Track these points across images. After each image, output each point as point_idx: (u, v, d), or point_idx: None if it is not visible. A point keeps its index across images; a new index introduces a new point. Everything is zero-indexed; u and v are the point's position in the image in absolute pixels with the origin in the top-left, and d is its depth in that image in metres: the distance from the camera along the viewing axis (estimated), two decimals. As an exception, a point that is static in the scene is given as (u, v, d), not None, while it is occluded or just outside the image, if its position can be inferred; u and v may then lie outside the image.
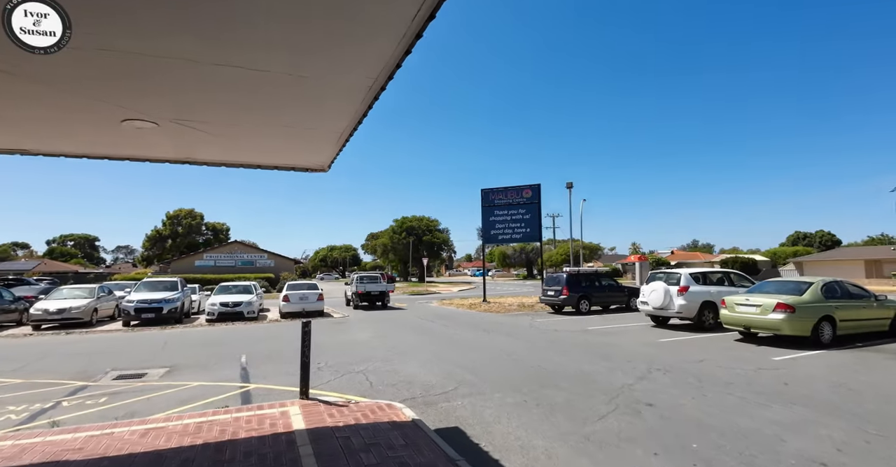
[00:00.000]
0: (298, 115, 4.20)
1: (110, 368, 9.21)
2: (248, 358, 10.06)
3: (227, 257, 48.01)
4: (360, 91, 3.65)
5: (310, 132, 4.70)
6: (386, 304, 23.46)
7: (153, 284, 18.05)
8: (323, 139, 4.90)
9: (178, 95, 3.71)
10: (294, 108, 4.04)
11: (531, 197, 23.05)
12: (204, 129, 4.44)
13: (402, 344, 11.44)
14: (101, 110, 3.88)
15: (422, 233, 65.55)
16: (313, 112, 4.17)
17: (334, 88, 3.63)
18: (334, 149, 5.30)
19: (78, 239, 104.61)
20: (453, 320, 16.83)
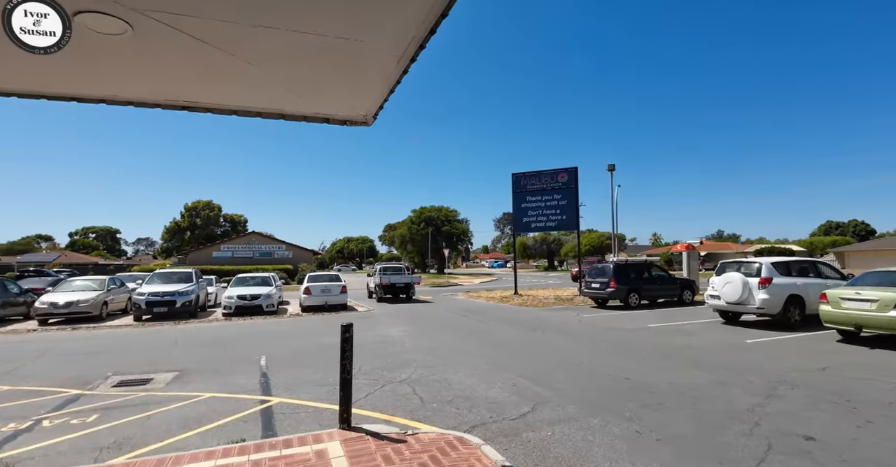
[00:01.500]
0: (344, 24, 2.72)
1: (112, 372, 7.95)
2: (268, 360, 8.72)
3: (244, 248, 47.23)
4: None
5: (357, 57, 3.21)
6: (411, 297, 22.12)
7: (166, 276, 16.90)
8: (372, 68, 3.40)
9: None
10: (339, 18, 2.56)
11: (567, 181, 21.29)
12: (221, 46, 2.98)
13: (441, 344, 9.97)
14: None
15: (441, 223, 64.05)
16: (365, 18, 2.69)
17: None
18: (382, 89, 3.80)
19: (100, 231, 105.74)
20: (488, 315, 15.33)
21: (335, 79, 3.62)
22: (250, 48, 3.06)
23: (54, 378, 7.57)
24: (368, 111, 4.28)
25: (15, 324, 14.01)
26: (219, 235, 68.61)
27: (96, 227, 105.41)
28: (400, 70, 3.53)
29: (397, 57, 3.31)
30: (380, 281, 21.56)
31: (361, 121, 4.42)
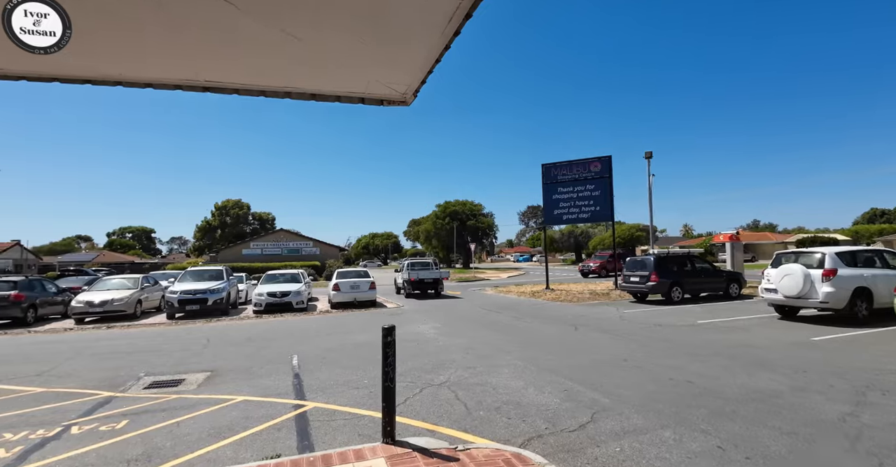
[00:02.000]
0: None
1: (144, 373, 7.80)
2: (300, 359, 8.43)
3: (273, 246, 47.84)
4: None
5: (398, 26, 2.76)
6: (439, 293, 21.75)
7: (198, 274, 16.97)
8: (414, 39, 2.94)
9: None
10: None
11: (601, 171, 20.40)
12: (252, 14, 2.56)
13: (478, 343, 9.50)
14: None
15: (465, 217, 63.43)
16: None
17: None
18: (423, 63, 3.32)
19: (136, 231, 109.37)
20: (522, 311, 14.77)
21: (373, 51, 3.16)
22: (285, 15, 2.63)
23: (87, 379, 7.46)
24: (408, 88, 3.80)
25: (53, 323, 14.24)
26: (248, 233, 69.90)
27: (132, 227, 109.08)
28: (444, 42, 3.06)
29: (441, 27, 2.85)
30: (408, 276, 21.24)
31: (400, 100, 3.94)
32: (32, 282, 14.62)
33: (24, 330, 12.89)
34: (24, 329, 13.03)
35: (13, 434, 4.94)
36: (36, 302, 14.10)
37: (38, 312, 14.24)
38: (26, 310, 13.62)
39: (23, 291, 13.67)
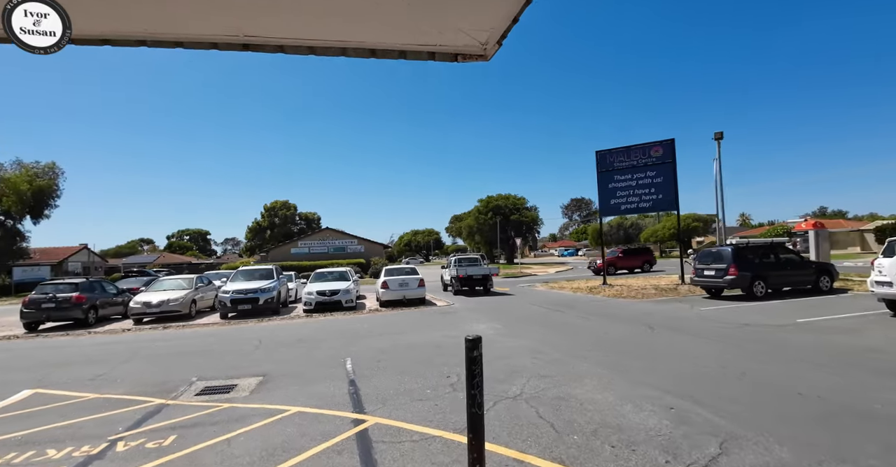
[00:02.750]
0: None
1: (196, 376, 7.46)
2: (354, 363, 7.86)
3: (319, 244, 48.54)
4: None
5: None
6: (489, 289, 20.92)
7: (249, 273, 16.97)
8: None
9: None
10: None
11: (663, 155, 18.85)
12: None
13: (545, 345, 8.61)
14: None
15: (509, 212, 62.10)
16: None
17: None
18: (508, 8, 2.53)
19: (192, 233, 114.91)
20: (584, 309, 13.70)
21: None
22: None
23: (140, 384, 7.18)
24: (489, 39, 3.00)
25: (113, 324, 14.53)
26: (295, 233, 71.61)
27: (189, 230, 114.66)
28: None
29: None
30: (456, 273, 20.56)
31: (479, 54, 3.14)
32: (93, 284, 14.99)
33: (85, 331, 13.15)
34: (85, 330, 13.30)
35: (57, 450, 4.56)
36: (97, 303, 14.42)
37: (99, 313, 14.57)
38: (87, 311, 13.93)
39: (84, 293, 13.99)
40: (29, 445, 4.71)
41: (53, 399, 6.55)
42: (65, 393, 6.82)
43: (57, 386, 7.29)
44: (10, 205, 34.38)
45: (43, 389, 7.09)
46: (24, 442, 4.83)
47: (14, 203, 34.31)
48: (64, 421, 5.47)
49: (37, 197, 35.46)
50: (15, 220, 36.66)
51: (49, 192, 36.67)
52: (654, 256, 32.62)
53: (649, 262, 30.58)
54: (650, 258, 31.12)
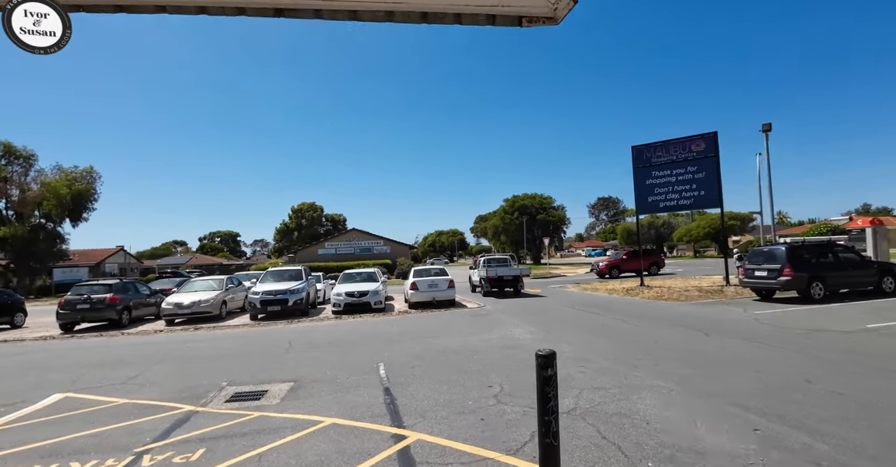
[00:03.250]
0: None
1: (226, 381, 7.20)
2: (388, 369, 7.47)
3: (346, 245, 48.74)
4: None
5: None
6: (519, 291, 20.34)
7: (278, 274, 16.88)
8: None
9: None
10: None
11: (705, 150, 17.87)
12: None
13: (591, 352, 8.03)
14: None
15: (535, 211, 61.05)
16: None
17: None
18: None
19: (223, 235, 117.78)
20: (623, 311, 12.99)
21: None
22: None
23: (170, 388, 6.95)
24: (556, 0, 2.51)
25: (146, 324, 14.60)
26: (322, 234, 72.30)
27: (220, 232, 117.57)
28: None
29: None
30: (486, 273, 20.04)
31: (547, 16, 2.66)
32: (126, 285, 15.13)
33: (119, 332, 13.22)
34: (119, 331, 13.38)
35: (81, 463, 4.28)
36: (130, 304, 14.53)
37: (133, 314, 14.67)
38: (121, 312, 14.02)
39: (117, 294, 14.09)
40: (53, 457, 4.46)
41: (83, 404, 6.37)
42: (95, 398, 6.64)
43: (88, 389, 7.15)
44: (50, 208, 35.66)
45: (74, 393, 6.94)
46: (49, 452, 4.59)
47: (54, 206, 35.57)
48: (91, 429, 5.23)
49: (76, 200, 36.67)
50: (55, 223, 38.04)
51: (87, 196, 37.89)
52: (663, 258, 30.11)
53: (657, 265, 28.53)
54: (658, 260, 29.06)
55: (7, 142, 36.81)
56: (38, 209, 36.52)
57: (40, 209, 36.33)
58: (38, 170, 37.98)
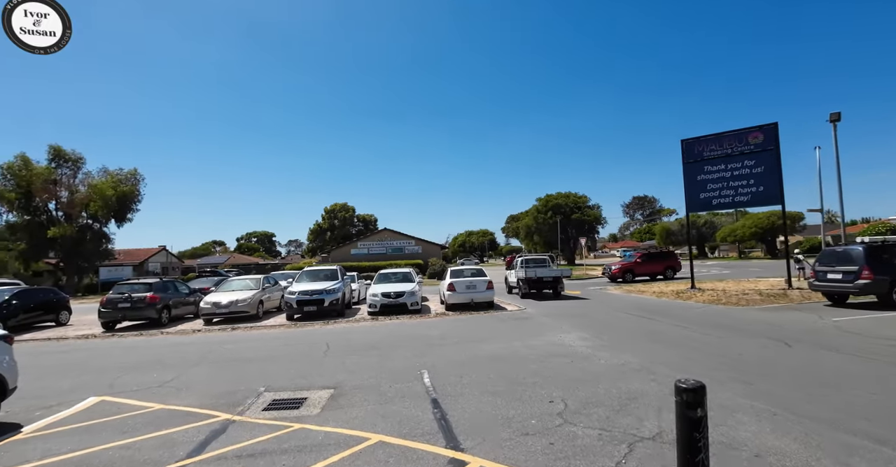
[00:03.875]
0: None
1: (263, 386, 6.81)
2: (432, 377, 6.92)
3: (378, 245, 48.75)
4: None
5: None
6: (559, 293, 19.47)
7: (314, 274, 16.66)
8: None
9: None
10: None
11: (763, 142, 16.56)
12: None
13: (655, 362, 7.24)
14: None
15: (569, 210, 59.59)
16: None
17: None
18: None
19: (260, 235, 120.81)
20: (680, 317, 12.02)
21: None
22: None
23: (206, 393, 6.61)
24: None
25: (185, 323, 14.59)
26: (353, 234, 72.88)
27: (257, 232, 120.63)
28: None
29: None
30: (524, 275, 19.28)
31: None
32: (166, 284, 15.19)
33: (158, 331, 13.21)
34: (158, 330, 13.37)
35: (109, 481, 3.89)
36: (169, 303, 14.56)
37: (172, 313, 14.70)
38: (160, 311, 14.05)
39: (157, 293, 14.13)
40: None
41: (117, 409, 6.08)
42: (130, 402, 6.36)
43: (124, 393, 6.89)
44: (96, 209, 36.99)
45: (109, 397, 6.69)
46: (76, 466, 4.24)
47: (100, 208, 36.88)
48: (123, 440, 4.88)
49: (120, 202, 37.93)
50: (101, 224, 39.47)
51: (131, 197, 39.16)
52: (679, 261, 27.77)
53: (672, 268, 26.60)
54: (674, 263, 27.01)
55: (57, 145, 38.45)
56: (85, 210, 37.97)
57: (87, 210, 37.74)
58: (86, 172, 39.53)
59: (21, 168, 35.99)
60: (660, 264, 26.76)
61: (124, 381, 7.63)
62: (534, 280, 19.00)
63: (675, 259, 27.75)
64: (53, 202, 38.78)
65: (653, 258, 27.37)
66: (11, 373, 5.79)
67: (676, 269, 26.83)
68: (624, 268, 26.32)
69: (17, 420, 5.78)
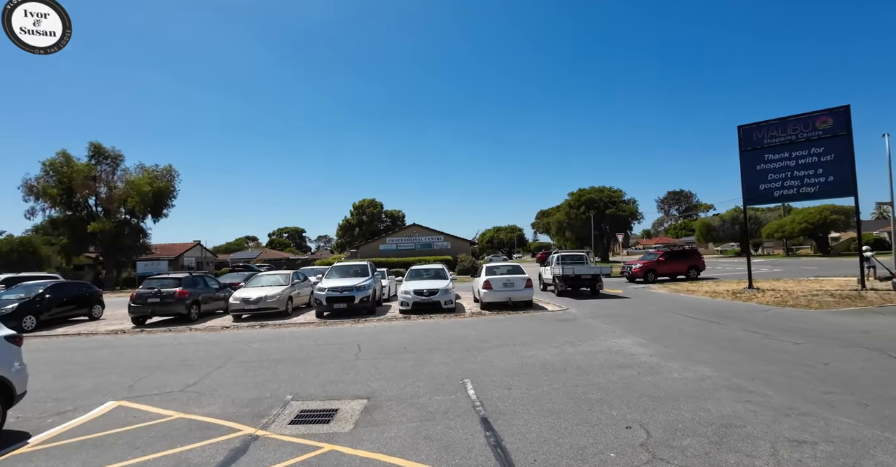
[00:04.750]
0: None
1: (291, 394, 6.17)
2: (477, 387, 6.14)
3: (406, 240, 48.31)
4: None
5: None
6: (597, 291, 18.47)
7: (344, 269, 16.12)
8: None
9: None
10: None
11: (833, 127, 14.96)
12: None
13: (738, 375, 6.20)
14: None
15: (603, 205, 57.63)
16: None
17: None
18: None
19: (290, 231, 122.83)
20: (748, 321, 10.82)
21: None
22: None
23: (230, 400, 6.00)
24: None
25: (214, 319, 14.26)
26: (381, 230, 72.86)
27: (287, 228, 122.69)
28: None
29: None
30: (561, 272, 18.24)
31: None
32: (196, 279, 14.90)
33: (187, 327, 12.88)
34: (187, 325, 13.05)
35: (107, 521, 3.22)
36: (199, 298, 14.25)
37: (202, 308, 14.40)
38: (190, 306, 13.75)
39: (187, 288, 13.83)
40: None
41: (134, 417, 5.52)
42: (148, 409, 5.80)
43: (143, 397, 6.35)
44: (134, 205, 37.80)
45: (128, 402, 6.16)
46: (74, 496, 3.61)
47: (137, 203, 37.66)
48: (134, 458, 4.26)
49: (157, 197, 38.65)
50: (138, 219, 40.37)
51: (167, 193, 39.87)
52: (703, 260, 25.69)
53: (696, 268, 24.54)
54: (698, 262, 24.92)
55: (97, 143, 39.47)
56: (123, 205, 38.88)
57: (125, 205, 38.64)
58: (124, 169, 40.46)
59: (63, 165, 37.07)
60: (683, 263, 24.79)
61: (146, 384, 7.13)
62: (571, 277, 18.08)
63: (699, 258, 25.68)
64: (93, 198, 39.91)
65: (676, 256, 25.31)
66: (20, 378, 5.28)
67: (700, 269, 24.85)
68: (646, 266, 24.45)
69: (27, 427, 5.29)
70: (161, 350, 10.05)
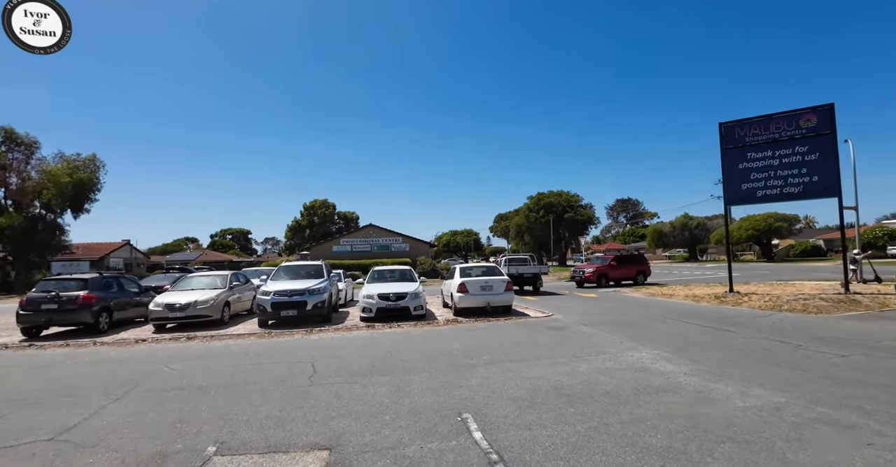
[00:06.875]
0: None
1: (215, 443, 4.20)
2: (483, 425, 4.46)
3: (362, 242, 45.85)
4: None
5: None
6: (538, 289, 20.87)
7: (294, 270, 13.92)
8: None
9: None
10: None
11: (817, 126, 14.51)
12: None
13: (823, 405, 4.86)
14: None
15: (562, 210, 57.67)
16: None
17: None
18: None
19: (235, 232, 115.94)
20: (756, 327, 9.77)
21: None
22: None
23: (120, 457, 3.96)
24: None
25: (130, 330, 11.66)
26: (333, 232, 69.58)
27: (232, 229, 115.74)
28: None
29: None
30: (507, 271, 18.06)
31: None
32: (108, 281, 12.18)
33: (91, 340, 10.27)
34: (91, 339, 10.43)
35: None
36: (110, 304, 11.59)
37: (114, 317, 11.75)
38: (98, 314, 11.09)
39: (94, 291, 11.16)
40: None
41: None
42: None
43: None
44: (50, 197, 33.26)
45: (-54, 469, 3.94)
46: None
47: (54, 196, 33.16)
48: None
49: (77, 190, 34.24)
50: (55, 214, 35.65)
51: (90, 185, 35.47)
52: (649, 266, 25.51)
53: (643, 273, 24.31)
54: (644, 268, 24.64)
55: (9, 127, 34.57)
56: (37, 198, 34.15)
57: (40, 198, 33.95)
58: (40, 158, 35.68)
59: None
60: (632, 268, 24.36)
61: (7, 426, 4.88)
62: (515, 276, 19.69)
63: (646, 263, 25.28)
64: (2, 189, 34.85)
65: (626, 261, 24.85)
66: None
67: (647, 274, 24.55)
68: (599, 271, 23.67)
69: None
70: (46, 373, 7.60)
